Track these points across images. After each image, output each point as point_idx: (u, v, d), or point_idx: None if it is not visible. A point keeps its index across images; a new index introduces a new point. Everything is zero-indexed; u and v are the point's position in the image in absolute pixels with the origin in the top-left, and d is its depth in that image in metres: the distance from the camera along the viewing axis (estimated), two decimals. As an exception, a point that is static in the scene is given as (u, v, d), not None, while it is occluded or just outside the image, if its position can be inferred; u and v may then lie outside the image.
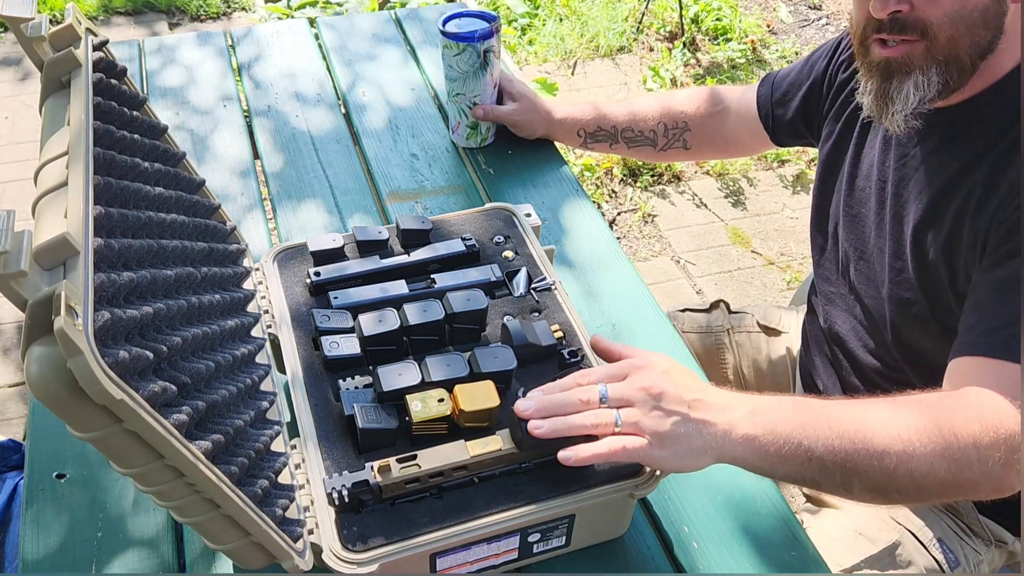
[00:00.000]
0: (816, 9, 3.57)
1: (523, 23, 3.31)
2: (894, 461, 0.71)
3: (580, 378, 0.73)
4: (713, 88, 1.28)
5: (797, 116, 1.16)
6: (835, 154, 1.08)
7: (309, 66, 1.51)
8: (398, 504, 0.72)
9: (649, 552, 0.82)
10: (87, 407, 0.49)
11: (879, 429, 0.72)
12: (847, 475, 0.72)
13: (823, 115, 1.11)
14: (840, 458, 0.71)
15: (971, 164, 0.88)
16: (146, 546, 0.81)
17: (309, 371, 0.83)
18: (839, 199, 1.06)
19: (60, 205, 0.53)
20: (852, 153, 1.04)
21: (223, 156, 1.30)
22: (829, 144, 1.08)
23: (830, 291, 1.11)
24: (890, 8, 0.83)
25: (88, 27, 0.69)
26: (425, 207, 1.21)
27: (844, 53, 1.09)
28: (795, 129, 1.18)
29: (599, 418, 0.69)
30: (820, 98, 1.12)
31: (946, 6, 0.81)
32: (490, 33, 1.18)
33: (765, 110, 1.21)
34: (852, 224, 1.04)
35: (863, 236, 1.03)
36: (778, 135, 1.21)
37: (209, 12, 3.38)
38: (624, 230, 2.50)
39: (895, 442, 0.71)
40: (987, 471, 0.72)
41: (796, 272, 2.36)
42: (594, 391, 0.71)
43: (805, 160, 2.74)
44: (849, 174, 1.04)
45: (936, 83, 0.85)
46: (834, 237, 1.08)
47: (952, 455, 0.72)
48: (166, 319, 0.64)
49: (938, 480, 0.72)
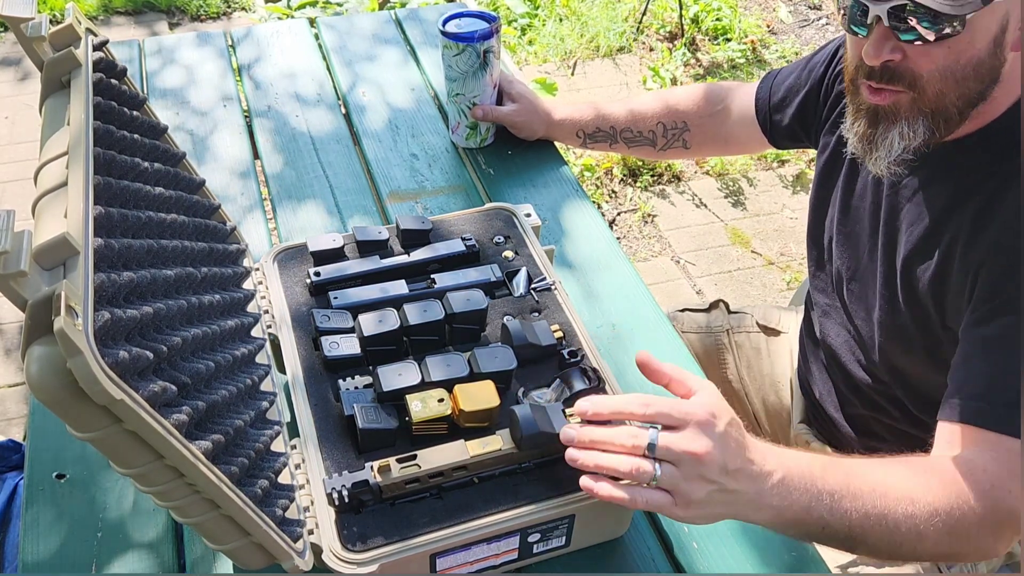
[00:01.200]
0: (816, 9, 3.57)
1: (523, 23, 3.31)
2: (904, 538, 0.74)
3: (641, 407, 0.69)
4: (714, 86, 1.28)
5: (794, 122, 1.15)
6: (830, 168, 1.06)
7: (309, 66, 1.51)
8: (398, 504, 0.72)
9: (649, 552, 0.82)
10: (87, 407, 0.49)
11: (897, 508, 0.73)
12: (854, 543, 0.75)
13: (821, 123, 1.10)
14: (854, 531, 0.73)
15: (961, 200, 0.86)
16: (146, 546, 0.81)
17: (309, 371, 0.83)
18: (833, 214, 1.05)
19: (60, 205, 0.53)
20: (847, 169, 1.03)
21: (223, 156, 1.30)
22: (825, 156, 1.07)
23: (825, 303, 1.10)
24: (883, 57, 0.80)
25: (88, 27, 0.69)
26: (425, 207, 1.21)
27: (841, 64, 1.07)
28: (793, 134, 1.17)
29: (639, 471, 0.68)
30: (817, 105, 1.11)
31: (939, 60, 0.79)
32: (490, 33, 1.18)
33: (763, 114, 1.20)
34: (846, 242, 1.03)
35: (856, 255, 1.02)
36: (776, 139, 1.21)
37: (209, 12, 3.38)
38: (624, 230, 2.50)
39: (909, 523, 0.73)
40: (980, 546, 0.76)
41: (796, 272, 2.36)
42: (644, 437, 0.68)
43: (805, 160, 2.74)
44: (843, 191, 1.03)
45: (922, 133, 0.84)
46: (828, 251, 1.08)
47: (958, 533, 0.74)
48: (166, 319, 0.64)
49: (937, 553, 0.77)
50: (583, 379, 0.81)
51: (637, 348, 1.01)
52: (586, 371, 0.82)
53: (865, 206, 0.99)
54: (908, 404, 1.01)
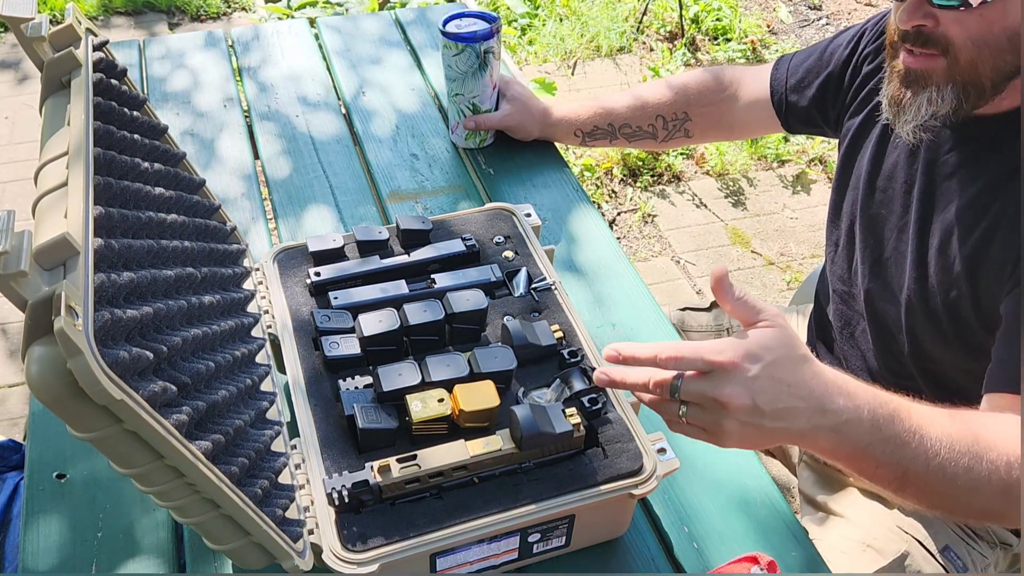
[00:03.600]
0: (816, 9, 3.57)
1: (523, 23, 3.31)
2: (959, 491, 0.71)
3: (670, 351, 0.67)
4: (721, 71, 1.25)
5: (812, 105, 1.14)
6: (854, 149, 1.05)
7: (309, 67, 1.51)
8: (398, 504, 0.72)
9: (649, 552, 0.82)
10: (87, 407, 0.49)
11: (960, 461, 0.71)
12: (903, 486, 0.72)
13: (845, 107, 1.09)
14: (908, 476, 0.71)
15: (1004, 180, 0.86)
16: (146, 546, 0.81)
17: (309, 371, 0.83)
18: (855, 197, 1.04)
19: (60, 205, 0.53)
20: (873, 152, 1.02)
21: (223, 157, 1.30)
22: (848, 138, 1.06)
23: (843, 289, 1.09)
24: (915, 21, 0.82)
25: (88, 27, 0.69)
26: (425, 207, 1.21)
27: (871, 44, 1.07)
28: (809, 117, 1.16)
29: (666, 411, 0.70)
30: (840, 89, 1.10)
31: (971, 28, 0.79)
32: (490, 34, 1.18)
33: (779, 95, 1.18)
34: (870, 224, 1.02)
35: (881, 238, 1.01)
36: (790, 122, 1.19)
37: (209, 12, 3.38)
38: (624, 230, 2.50)
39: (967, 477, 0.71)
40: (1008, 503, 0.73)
41: (796, 272, 2.36)
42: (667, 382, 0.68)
43: (805, 160, 2.74)
44: (869, 172, 1.02)
45: (950, 100, 0.84)
46: (848, 235, 1.07)
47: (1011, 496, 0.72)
48: (166, 319, 0.64)
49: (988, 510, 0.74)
50: (583, 379, 0.81)
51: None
52: (586, 371, 0.82)
53: (895, 187, 0.98)
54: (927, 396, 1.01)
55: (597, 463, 0.75)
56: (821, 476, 1.16)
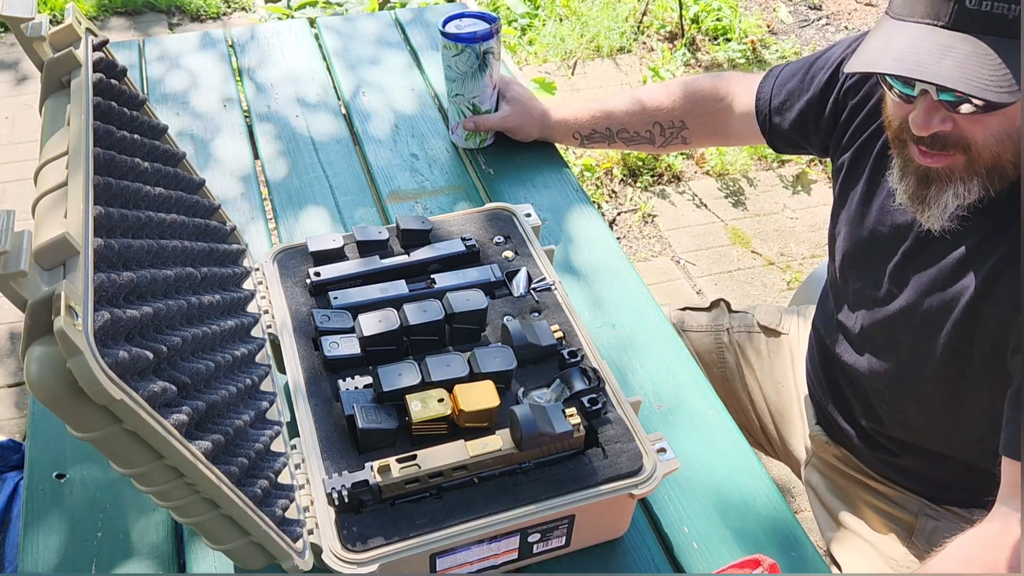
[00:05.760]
0: (816, 9, 3.57)
1: (523, 23, 3.31)
2: None
3: None
4: (718, 79, 1.24)
5: (793, 129, 1.12)
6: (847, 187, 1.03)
7: (309, 67, 1.51)
8: (398, 504, 0.72)
9: (649, 552, 0.82)
10: (87, 407, 0.49)
11: None
12: None
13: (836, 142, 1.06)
14: None
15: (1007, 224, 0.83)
16: (146, 546, 0.81)
17: (309, 371, 0.83)
18: (848, 232, 1.02)
19: (60, 205, 0.53)
20: (863, 190, 0.99)
21: (223, 157, 1.30)
22: (842, 176, 1.03)
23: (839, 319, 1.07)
24: (932, 128, 0.77)
25: (88, 27, 0.69)
26: (425, 207, 1.21)
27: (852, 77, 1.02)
28: (791, 140, 1.14)
29: None
30: (820, 119, 1.07)
31: (993, 127, 0.76)
32: (489, 34, 1.18)
33: (763, 116, 1.16)
34: (862, 263, 1.00)
35: (875, 280, 0.98)
36: (775, 143, 1.18)
37: (209, 12, 3.38)
38: (624, 230, 2.50)
39: None
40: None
41: (796, 272, 2.36)
42: None
43: (805, 160, 2.74)
44: (858, 212, 1.00)
45: (977, 191, 0.81)
46: (842, 270, 1.05)
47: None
48: (166, 319, 0.64)
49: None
50: (583, 379, 0.81)
51: (637, 347, 1.01)
52: (586, 371, 0.82)
53: (884, 231, 0.96)
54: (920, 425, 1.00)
55: (597, 463, 0.75)
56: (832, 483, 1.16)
